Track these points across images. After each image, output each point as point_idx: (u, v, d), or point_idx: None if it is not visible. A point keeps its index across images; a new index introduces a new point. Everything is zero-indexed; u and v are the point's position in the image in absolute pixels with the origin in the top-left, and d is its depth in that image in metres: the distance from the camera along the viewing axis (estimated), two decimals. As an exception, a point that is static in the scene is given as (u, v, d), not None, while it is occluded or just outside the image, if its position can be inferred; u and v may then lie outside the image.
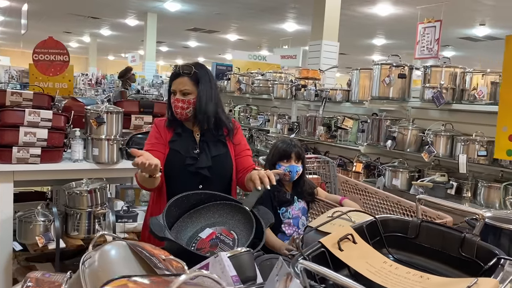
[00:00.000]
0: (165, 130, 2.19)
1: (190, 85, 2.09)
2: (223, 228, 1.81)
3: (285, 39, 14.08)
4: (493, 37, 12.98)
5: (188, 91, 2.09)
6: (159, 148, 2.17)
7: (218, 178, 2.16)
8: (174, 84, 2.12)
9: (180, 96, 2.10)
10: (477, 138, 2.94)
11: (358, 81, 3.82)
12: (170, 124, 2.20)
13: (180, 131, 2.18)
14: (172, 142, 2.17)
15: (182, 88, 2.09)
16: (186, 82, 2.09)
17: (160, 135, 2.20)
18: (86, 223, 3.11)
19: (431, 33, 7.23)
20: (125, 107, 3.64)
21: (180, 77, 2.09)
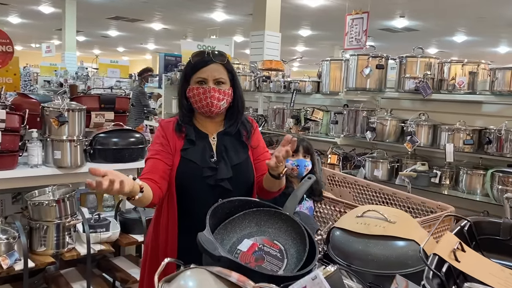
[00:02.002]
0: (174, 135, 1.87)
1: (224, 74, 1.83)
2: (263, 238, 1.63)
3: (213, 29, 13.81)
4: (410, 29, 13.72)
5: (224, 81, 1.83)
6: (164, 157, 1.85)
7: (238, 189, 1.89)
8: (203, 72, 1.80)
9: (215, 85, 1.81)
10: (461, 127, 3.00)
11: (328, 72, 3.76)
12: (180, 128, 1.88)
13: (194, 138, 1.87)
14: (185, 150, 1.86)
15: (218, 76, 1.80)
16: (221, 70, 1.82)
17: (167, 141, 1.87)
18: (55, 237, 2.74)
19: (359, 25, 7.41)
20: (83, 103, 3.27)
21: (213, 64, 1.80)
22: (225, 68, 1.83)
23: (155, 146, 1.89)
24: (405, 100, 3.64)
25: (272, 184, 1.88)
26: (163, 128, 1.91)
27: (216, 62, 1.81)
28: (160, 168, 1.83)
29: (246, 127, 1.96)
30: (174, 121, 1.91)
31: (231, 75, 1.86)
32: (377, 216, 1.91)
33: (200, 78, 1.81)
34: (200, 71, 1.80)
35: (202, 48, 5.70)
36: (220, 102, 1.82)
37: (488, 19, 11.63)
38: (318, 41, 16.63)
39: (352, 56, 3.51)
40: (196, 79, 1.82)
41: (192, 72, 1.83)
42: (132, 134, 3.36)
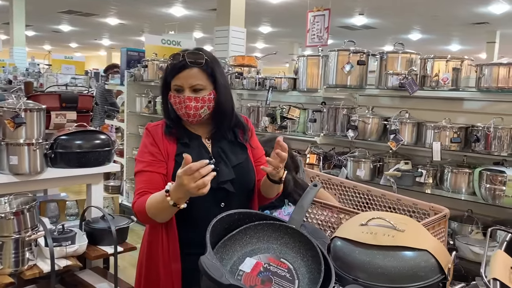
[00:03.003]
0: (164, 140, 1.69)
1: (203, 79, 1.64)
2: (268, 256, 1.44)
3: (171, 24, 13.43)
4: (368, 26, 13.89)
5: (201, 86, 1.64)
6: (158, 168, 1.66)
7: (241, 192, 1.73)
8: (178, 79, 1.62)
9: (190, 93, 1.63)
10: (447, 124, 2.92)
11: (305, 68, 3.60)
12: (170, 132, 1.70)
13: (187, 140, 1.70)
14: (180, 155, 1.65)
15: (193, 83, 1.62)
16: (197, 75, 1.62)
17: (158, 148, 1.68)
18: (13, 254, 2.42)
19: (320, 22, 7.36)
20: (42, 102, 2.95)
21: (188, 69, 1.61)
22: (204, 71, 1.64)
23: (144, 155, 1.69)
24: (384, 97, 3.54)
25: (271, 189, 1.73)
26: (151, 133, 1.72)
27: (192, 66, 1.61)
28: (156, 181, 1.64)
29: (242, 127, 1.79)
30: (162, 124, 1.73)
31: (212, 78, 1.66)
32: (383, 224, 1.76)
33: (176, 86, 1.64)
34: (176, 77, 1.63)
35: (166, 42, 5.42)
36: (198, 110, 1.65)
37: (442, 18, 11.93)
38: (278, 38, 16.56)
39: (332, 52, 3.37)
40: (173, 86, 1.65)
41: (170, 77, 1.66)
42: (98, 136, 3.06)
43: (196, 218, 1.68)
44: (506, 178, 2.63)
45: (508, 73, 2.62)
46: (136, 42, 17.97)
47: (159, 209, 1.54)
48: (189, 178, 1.38)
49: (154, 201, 1.55)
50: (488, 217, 3.01)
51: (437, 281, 1.61)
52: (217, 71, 1.68)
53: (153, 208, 1.56)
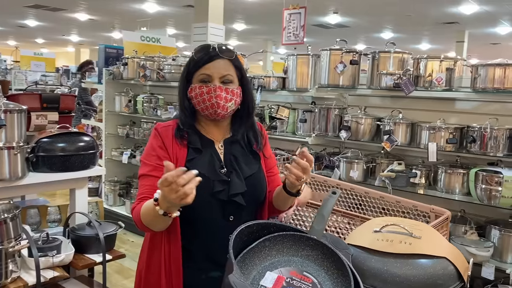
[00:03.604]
0: (175, 143, 1.57)
1: (232, 71, 1.56)
2: (290, 269, 1.35)
3: (143, 20, 13.13)
4: (342, 25, 13.97)
5: (232, 78, 1.56)
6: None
7: (251, 204, 1.63)
8: (207, 69, 1.53)
9: (221, 84, 1.53)
10: (442, 125, 2.91)
11: (295, 68, 3.53)
12: (182, 135, 1.58)
13: (199, 145, 1.58)
14: (191, 161, 1.56)
15: (225, 73, 1.53)
16: (228, 66, 1.55)
17: (166, 151, 1.56)
18: (-4, 266, 2.25)
19: (296, 20, 7.34)
20: (21, 102, 2.78)
21: (219, 59, 1.53)
22: (233, 64, 1.57)
23: (151, 158, 1.57)
24: (374, 97, 3.51)
25: (285, 201, 1.64)
26: (160, 135, 1.59)
27: (223, 57, 1.54)
28: None
29: (256, 133, 1.69)
30: (173, 126, 1.61)
31: (239, 73, 1.59)
32: (398, 231, 1.71)
33: (204, 75, 1.54)
34: (204, 67, 1.53)
35: (145, 39, 5.25)
36: (227, 103, 1.55)
37: (414, 17, 12.10)
38: (252, 35, 16.47)
39: (324, 51, 3.31)
40: (199, 77, 1.55)
41: (195, 68, 1.56)
42: (82, 138, 2.90)
43: (201, 231, 1.57)
44: (502, 179, 2.63)
45: (504, 74, 2.63)
46: (107, 38, 17.52)
47: (151, 217, 1.42)
48: (167, 189, 1.26)
49: (147, 209, 1.44)
50: (481, 217, 3.02)
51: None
52: (243, 68, 1.62)
53: (146, 216, 1.46)
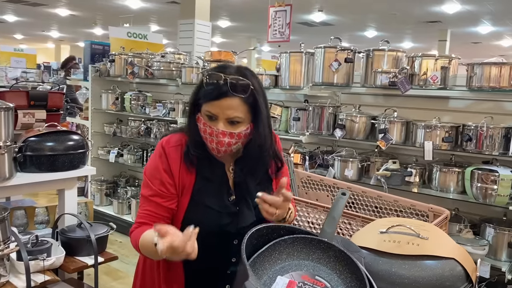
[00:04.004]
0: (182, 169, 1.45)
1: (243, 111, 1.38)
2: (301, 273, 1.31)
3: (126, 16, 12.94)
4: (326, 23, 13.99)
5: (240, 119, 1.39)
6: (167, 201, 1.44)
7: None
8: (213, 106, 1.37)
9: (226, 126, 1.38)
10: (438, 123, 2.90)
11: (288, 65, 3.49)
12: (191, 160, 1.45)
13: (209, 173, 1.47)
14: (199, 191, 1.45)
15: (231, 116, 1.37)
16: (238, 106, 1.37)
17: (172, 177, 1.44)
18: (-17, 271, 2.16)
19: (282, 17, 7.31)
20: (8, 99, 2.67)
21: (228, 98, 1.35)
22: (246, 102, 1.38)
23: (154, 181, 1.45)
24: (367, 95, 3.49)
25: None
26: (167, 156, 1.46)
27: (235, 95, 1.35)
28: (161, 215, 1.44)
29: (279, 159, 1.57)
30: (182, 146, 1.47)
31: (253, 110, 1.41)
32: (405, 232, 1.69)
33: (210, 113, 1.38)
34: (211, 104, 1.37)
35: (132, 36, 5.14)
36: (230, 146, 1.42)
37: (398, 16, 12.19)
38: (236, 33, 16.38)
39: (318, 49, 3.27)
40: (206, 112, 1.40)
41: (203, 100, 1.40)
42: (71, 137, 2.81)
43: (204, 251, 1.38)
44: (498, 177, 2.64)
45: (500, 73, 2.63)
46: (88, 34, 17.22)
47: (151, 253, 1.36)
48: (170, 254, 1.19)
49: (146, 244, 1.37)
50: (475, 215, 3.03)
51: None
52: (261, 101, 1.42)
53: (145, 249, 1.39)
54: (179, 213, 1.45)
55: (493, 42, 15.07)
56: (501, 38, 14.44)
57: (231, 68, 1.41)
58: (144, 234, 1.39)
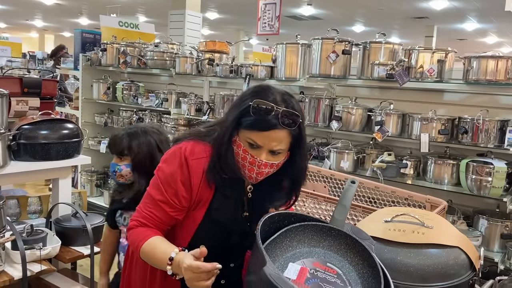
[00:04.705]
0: (202, 184, 1.39)
1: (287, 142, 1.34)
2: (313, 260, 1.31)
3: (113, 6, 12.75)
4: (315, 17, 14.00)
5: (282, 151, 1.34)
6: (175, 212, 1.40)
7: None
8: (260, 137, 1.30)
9: (268, 157, 1.33)
10: (434, 116, 2.93)
11: (284, 57, 3.48)
12: (214, 178, 1.38)
13: (228, 192, 1.41)
14: (217, 209, 1.41)
15: (276, 148, 1.32)
16: (283, 138, 1.32)
17: (190, 191, 1.38)
18: (-21, 260, 2.12)
19: (272, 10, 7.28)
20: (0, 86, 2.61)
21: (277, 130, 1.29)
22: (291, 134, 1.33)
23: (168, 189, 1.38)
24: (362, 87, 3.51)
25: None
26: (189, 169, 1.38)
27: (284, 128, 1.30)
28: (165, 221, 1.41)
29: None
30: (207, 159, 1.39)
31: (295, 141, 1.36)
32: (409, 221, 1.70)
33: (253, 142, 1.32)
34: (257, 134, 1.30)
35: (124, 25, 5.07)
36: (268, 175, 1.39)
37: (385, 11, 12.26)
38: (224, 25, 16.29)
39: (316, 40, 3.27)
40: (248, 139, 1.33)
41: (246, 125, 1.32)
42: (65, 125, 2.78)
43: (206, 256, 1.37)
44: (493, 170, 2.68)
45: (496, 66, 2.66)
46: (73, 24, 16.92)
47: (153, 262, 1.35)
48: (194, 275, 1.18)
49: (152, 253, 1.33)
50: (468, 207, 3.08)
51: (468, 278, 1.58)
52: (304, 133, 1.38)
53: (148, 257, 1.36)
54: (192, 226, 1.41)
55: (478, 39, 15.26)
56: (485, 35, 14.62)
57: (276, 94, 1.33)
58: (150, 240, 1.35)
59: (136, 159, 1.92)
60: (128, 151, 1.93)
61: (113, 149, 1.99)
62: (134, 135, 1.95)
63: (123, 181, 1.97)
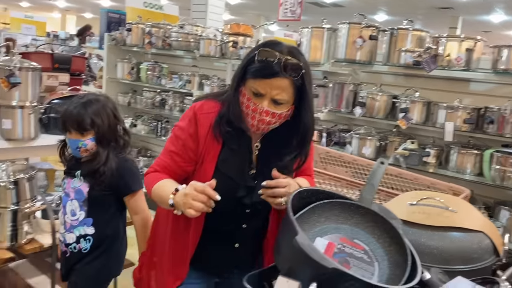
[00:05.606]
0: (209, 137, 1.47)
1: (289, 92, 1.37)
2: (339, 236, 1.34)
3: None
4: (336, 4, 13.85)
5: (284, 101, 1.38)
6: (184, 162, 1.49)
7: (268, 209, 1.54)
8: (262, 85, 1.35)
9: (270, 105, 1.37)
10: (459, 105, 2.91)
11: (309, 41, 3.47)
12: (221, 132, 1.46)
13: (236, 146, 1.48)
14: (223, 162, 1.47)
15: (278, 97, 1.36)
16: (286, 86, 1.35)
17: (197, 145, 1.47)
18: (11, 226, 2.21)
19: (294, -4, 7.22)
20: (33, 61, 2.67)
21: (279, 78, 1.33)
22: (294, 84, 1.36)
23: (178, 142, 1.50)
24: (387, 75, 3.49)
25: None
26: (197, 122, 1.47)
27: (285, 76, 1.34)
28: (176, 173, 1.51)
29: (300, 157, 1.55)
30: (214, 114, 1.47)
31: (299, 93, 1.39)
32: (434, 204, 1.72)
33: (256, 91, 1.37)
34: (260, 81, 1.35)
35: (148, 6, 5.10)
36: (270, 125, 1.42)
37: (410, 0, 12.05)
38: (244, 10, 16.21)
39: (343, 25, 3.26)
40: (252, 88, 1.38)
41: (251, 74, 1.38)
42: (94, 101, 2.83)
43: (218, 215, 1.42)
44: (518, 160, 2.66)
45: (527, 56, 2.63)
46: (95, 5, 17.03)
47: (159, 200, 1.44)
48: (193, 193, 1.29)
49: (160, 191, 1.44)
50: (489, 198, 3.06)
51: (491, 263, 1.59)
52: (308, 85, 1.40)
53: (157, 195, 1.46)
54: (203, 179, 1.44)
55: (503, 32, 14.94)
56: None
57: (283, 46, 1.38)
58: (160, 182, 1.46)
59: (100, 132, 1.88)
60: (91, 126, 1.86)
61: (75, 127, 1.86)
62: (93, 109, 1.87)
63: (87, 154, 1.90)
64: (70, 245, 1.91)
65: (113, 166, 1.87)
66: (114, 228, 1.97)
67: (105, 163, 1.86)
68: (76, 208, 1.90)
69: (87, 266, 1.91)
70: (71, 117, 1.86)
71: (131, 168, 1.96)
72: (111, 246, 1.95)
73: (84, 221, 1.89)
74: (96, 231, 1.90)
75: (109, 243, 1.94)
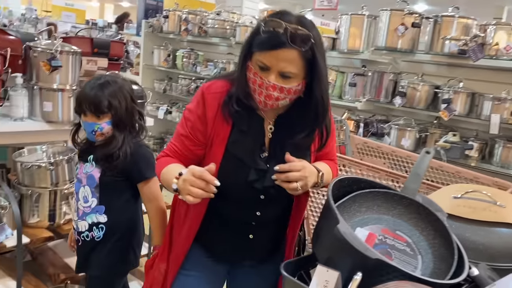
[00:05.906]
0: (218, 118, 1.39)
1: (298, 65, 1.27)
2: (381, 227, 1.29)
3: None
4: (376, -7, 13.50)
5: (293, 75, 1.28)
6: (193, 146, 1.42)
7: (282, 196, 1.41)
8: (267, 57, 1.25)
9: (278, 79, 1.27)
10: (507, 96, 2.78)
11: (348, 28, 3.39)
12: (230, 112, 1.37)
13: (246, 128, 1.39)
14: (233, 143, 1.39)
15: (285, 69, 1.26)
16: (294, 59, 1.25)
17: (205, 125, 1.39)
18: (50, 206, 2.25)
19: (332, -15, 7.05)
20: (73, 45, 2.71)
21: (285, 49, 1.23)
22: (303, 56, 1.25)
23: (187, 124, 1.42)
24: (429, 64, 3.37)
25: None
26: (205, 103, 1.39)
27: (293, 47, 1.23)
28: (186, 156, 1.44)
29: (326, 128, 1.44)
30: (222, 94, 1.39)
31: (309, 66, 1.28)
32: (480, 198, 1.64)
33: (262, 64, 1.27)
34: (266, 53, 1.25)
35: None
36: (278, 101, 1.31)
37: (453, -11, 11.61)
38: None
39: (384, 12, 3.16)
40: (258, 62, 1.28)
41: (256, 47, 1.28)
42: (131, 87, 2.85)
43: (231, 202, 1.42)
44: None
45: None
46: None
47: (167, 184, 1.37)
48: (191, 178, 1.22)
49: (168, 174, 1.36)
50: (536, 195, 2.92)
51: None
52: (319, 58, 1.28)
53: (164, 180, 1.40)
54: (216, 162, 1.37)
55: (552, 23, 14.25)
56: (562, 20, 13.62)
57: (291, 16, 1.27)
58: (169, 166, 1.40)
59: (117, 115, 1.80)
60: (109, 109, 1.78)
61: (92, 110, 1.77)
62: (110, 90, 1.78)
63: (102, 138, 1.82)
64: (83, 233, 1.84)
65: (128, 151, 1.79)
66: (128, 217, 1.89)
67: (120, 148, 1.78)
68: (88, 195, 1.83)
69: (102, 256, 1.84)
70: (87, 99, 1.77)
71: (145, 154, 1.87)
72: (126, 235, 1.87)
73: (97, 208, 1.82)
74: (108, 219, 1.82)
75: (124, 232, 1.86)
